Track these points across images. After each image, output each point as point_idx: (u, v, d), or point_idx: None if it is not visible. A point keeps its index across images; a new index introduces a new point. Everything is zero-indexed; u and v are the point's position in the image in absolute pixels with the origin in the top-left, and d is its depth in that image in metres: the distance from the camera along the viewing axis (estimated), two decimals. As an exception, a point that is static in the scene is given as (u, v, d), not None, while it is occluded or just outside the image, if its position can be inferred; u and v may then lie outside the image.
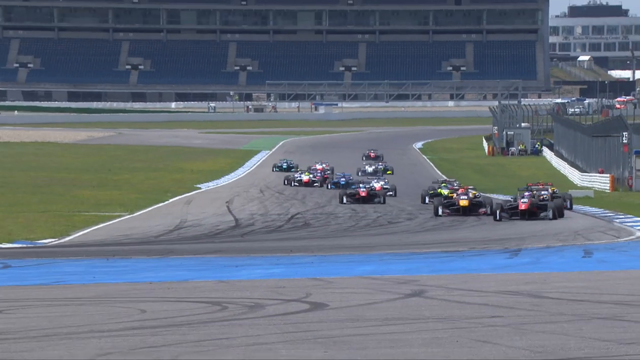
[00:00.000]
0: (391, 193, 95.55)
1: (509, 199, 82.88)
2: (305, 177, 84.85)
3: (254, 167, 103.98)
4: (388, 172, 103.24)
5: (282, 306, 35.03)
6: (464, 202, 69.70)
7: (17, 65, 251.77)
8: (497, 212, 74.60)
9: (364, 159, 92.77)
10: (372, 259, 52.86)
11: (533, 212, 69.51)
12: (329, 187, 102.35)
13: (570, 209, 69.72)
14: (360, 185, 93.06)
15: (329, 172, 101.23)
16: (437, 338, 29.34)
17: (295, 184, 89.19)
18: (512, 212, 72.54)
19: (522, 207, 69.94)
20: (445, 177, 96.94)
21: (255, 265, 51.19)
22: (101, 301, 39.90)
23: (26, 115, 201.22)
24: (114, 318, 34.08)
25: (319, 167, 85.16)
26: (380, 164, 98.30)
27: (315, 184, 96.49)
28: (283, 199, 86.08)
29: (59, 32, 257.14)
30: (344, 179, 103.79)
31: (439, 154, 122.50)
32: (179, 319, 33.82)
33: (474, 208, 69.39)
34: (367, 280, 43.36)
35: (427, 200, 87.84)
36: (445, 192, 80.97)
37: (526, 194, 76.28)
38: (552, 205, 69.64)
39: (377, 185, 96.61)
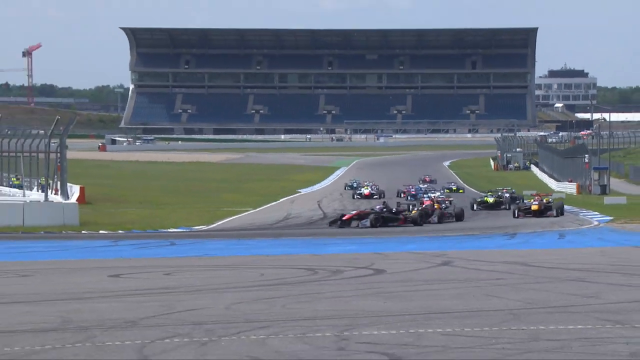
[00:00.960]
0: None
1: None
2: (366, 191, 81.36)
3: (336, 178, 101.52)
4: (461, 191, 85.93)
5: (355, 271, 35.73)
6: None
7: (181, 111, 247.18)
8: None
9: (420, 182, 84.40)
10: (416, 239, 50.71)
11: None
12: (400, 195, 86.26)
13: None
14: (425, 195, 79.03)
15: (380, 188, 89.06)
16: (460, 294, 28.82)
17: (357, 196, 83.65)
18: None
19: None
20: (460, 183, 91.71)
21: (337, 244, 50.55)
22: (234, 267, 39.62)
23: (186, 144, 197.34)
24: (242, 279, 33.00)
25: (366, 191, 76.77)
26: (452, 183, 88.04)
27: (374, 197, 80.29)
28: (355, 200, 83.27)
29: (208, 88, 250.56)
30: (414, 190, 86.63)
31: (461, 169, 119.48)
32: (286, 279, 33.63)
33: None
34: (413, 254, 43.06)
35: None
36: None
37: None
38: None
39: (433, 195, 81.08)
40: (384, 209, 62.17)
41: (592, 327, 22.20)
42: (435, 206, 67.46)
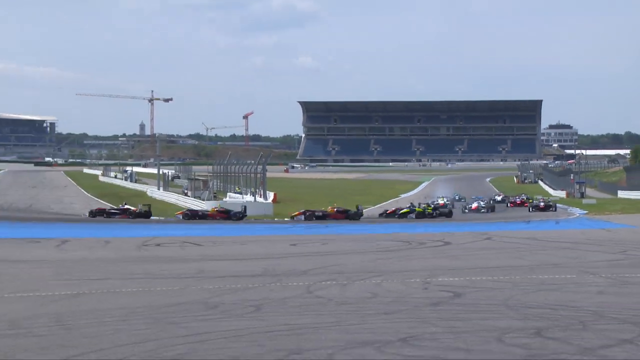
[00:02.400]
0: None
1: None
2: (441, 201, 69.83)
3: (422, 188, 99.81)
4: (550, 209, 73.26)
5: (433, 243, 34.55)
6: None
7: (331, 149, 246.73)
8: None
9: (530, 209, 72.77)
10: (467, 224, 50.15)
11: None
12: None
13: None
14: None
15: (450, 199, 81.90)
16: (497, 256, 28.48)
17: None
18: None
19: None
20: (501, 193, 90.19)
21: (421, 227, 47.98)
22: (362, 240, 38.45)
23: (333, 169, 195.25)
24: (366, 247, 33.00)
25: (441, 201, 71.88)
26: (524, 195, 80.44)
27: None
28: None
29: (347, 135, 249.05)
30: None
31: (496, 182, 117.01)
32: (391, 247, 32.65)
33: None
34: (467, 233, 41.60)
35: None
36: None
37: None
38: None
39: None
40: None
41: (577, 276, 22.21)
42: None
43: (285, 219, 54.88)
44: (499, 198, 79.27)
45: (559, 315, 15.81)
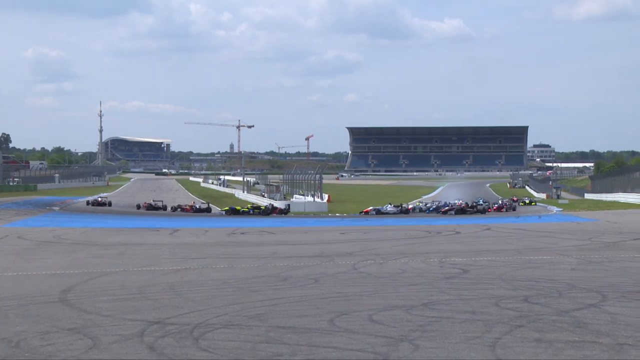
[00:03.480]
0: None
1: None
2: (457, 202, 60.92)
3: (438, 191, 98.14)
4: (533, 204, 66.90)
5: (447, 232, 33.48)
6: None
7: (370, 163, 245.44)
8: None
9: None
10: (473, 219, 49.28)
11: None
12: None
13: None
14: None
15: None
16: (493, 242, 27.53)
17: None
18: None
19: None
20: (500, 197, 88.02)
21: (440, 220, 45.83)
22: (393, 230, 37.13)
23: (372, 177, 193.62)
24: (397, 235, 32.15)
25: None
26: (526, 198, 74.31)
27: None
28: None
29: (382, 153, 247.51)
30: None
31: (494, 187, 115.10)
32: (415, 236, 31.91)
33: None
34: (473, 225, 39.76)
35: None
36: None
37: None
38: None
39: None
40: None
41: (554, 258, 21.83)
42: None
43: (337, 214, 54.01)
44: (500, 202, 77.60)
45: (541, 286, 15.51)
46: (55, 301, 14.04)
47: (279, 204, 56.28)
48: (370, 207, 54.94)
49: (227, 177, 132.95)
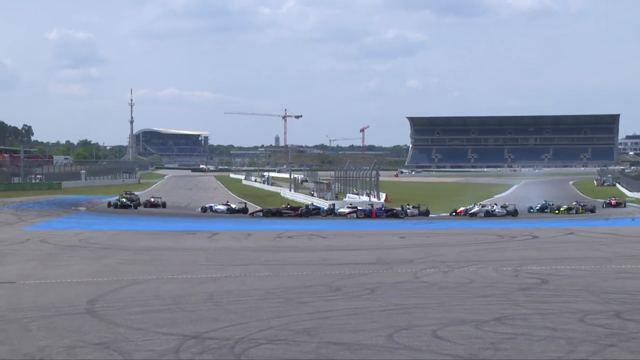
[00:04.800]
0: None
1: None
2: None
3: (512, 190, 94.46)
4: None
5: (523, 237, 33.52)
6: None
7: (434, 157, 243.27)
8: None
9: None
10: (554, 221, 47.34)
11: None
12: None
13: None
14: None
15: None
16: (578, 248, 27.94)
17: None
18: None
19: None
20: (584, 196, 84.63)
21: (513, 223, 45.41)
22: (460, 234, 37.76)
23: (436, 174, 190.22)
24: (465, 240, 32.00)
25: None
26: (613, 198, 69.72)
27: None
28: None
29: (448, 146, 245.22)
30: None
31: (578, 185, 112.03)
32: (487, 241, 32.23)
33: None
34: (553, 228, 39.78)
35: None
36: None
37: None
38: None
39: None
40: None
41: None
42: None
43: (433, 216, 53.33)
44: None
45: (636, 300, 15.19)
46: (81, 312, 14.29)
47: (327, 203, 56.30)
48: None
49: (271, 174, 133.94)
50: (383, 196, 67.66)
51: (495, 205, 55.22)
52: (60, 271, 20.67)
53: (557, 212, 54.80)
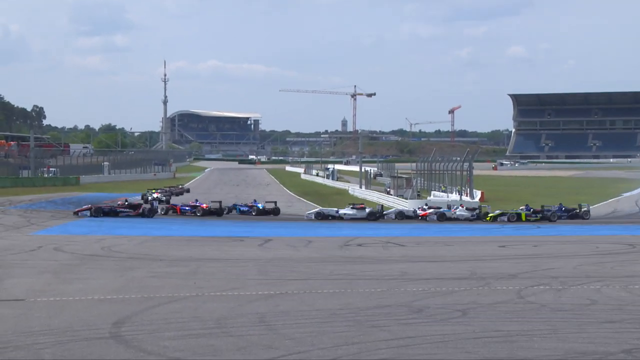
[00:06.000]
0: None
1: None
2: None
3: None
4: None
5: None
6: None
7: (544, 144, 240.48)
8: None
9: None
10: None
11: None
12: None
13: None
14: None
15: None
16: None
17: None
18: None
19: None
20: None
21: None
22: (578, 242, 37.40)
23: (546, 166, 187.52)
24: (584, 250, 31.46)
25: None
26: None
27: None
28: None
29: (562, 130, 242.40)
30: None
31: None
32: (615, 250, 32.34)
33: None
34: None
35: None
36: None
37: None
38: None
39: None
40: None
41: None
42: None
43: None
44: None
45: None
46: (105, 337, 14.54)
47: (407, 204, 56.25)
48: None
49: (337, 166, 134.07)
50: (478, 194, 67.13)
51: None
52: (79, 286, 21.00)
53: None
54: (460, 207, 52.80)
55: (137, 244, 32.86)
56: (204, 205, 53.42)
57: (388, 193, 73.75)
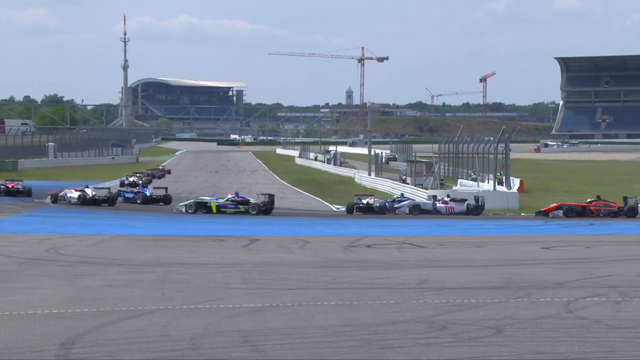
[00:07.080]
0: None
1: None
2: None
3: None
4: None
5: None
6: None
7: (600, 120, 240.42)
8: None
9: None
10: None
11: None
12: None
13: None
14: None
15: None
16: None
17: None
18: None
19: None
20: None
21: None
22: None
23: (603, 147, 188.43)
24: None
25: None
26: None
27: None
28: None
29: (624, 102, 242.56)
30: None
31: None
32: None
33: None
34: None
35: None
36: None
37: None
38: None
39: None
40: None
41: None
42: None
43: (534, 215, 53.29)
44: None
45: None
46: None
47: (427, 194, 56.42)
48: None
49: (340, 149, 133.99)
50: (516, 183, 67.13)
51: None
52: (17, 297, 20.98)
53: None
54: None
55: (91, 245, 32.75)
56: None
57: (404, 181, 73.71)
